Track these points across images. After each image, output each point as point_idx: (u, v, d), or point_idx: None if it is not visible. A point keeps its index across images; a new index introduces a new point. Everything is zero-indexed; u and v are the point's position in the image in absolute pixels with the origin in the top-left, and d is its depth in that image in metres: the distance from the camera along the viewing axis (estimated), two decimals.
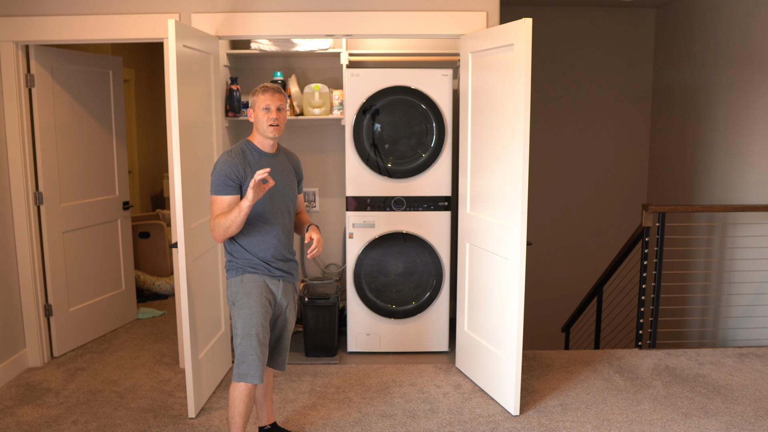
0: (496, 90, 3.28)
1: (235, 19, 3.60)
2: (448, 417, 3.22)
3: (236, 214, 2.49)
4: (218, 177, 2.56)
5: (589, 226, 6.34)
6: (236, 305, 2.63)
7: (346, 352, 4.07)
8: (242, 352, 2.59)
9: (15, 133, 3.68)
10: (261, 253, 2.64)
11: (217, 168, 2.58)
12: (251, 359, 2.59)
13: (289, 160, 2.81)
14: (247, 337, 2.58)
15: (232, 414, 2.67)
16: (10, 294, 3.74)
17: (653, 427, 3.11)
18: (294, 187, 2.78)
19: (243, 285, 2.62)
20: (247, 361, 2.59)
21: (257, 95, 2.62)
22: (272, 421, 2.97)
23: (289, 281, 2.76)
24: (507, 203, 3.21)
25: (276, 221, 2.67)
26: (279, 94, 2.62)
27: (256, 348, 2.59)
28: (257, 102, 2.61)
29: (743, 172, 4.63)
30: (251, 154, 2.63)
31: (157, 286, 5.33)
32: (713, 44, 5.01)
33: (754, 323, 4.43)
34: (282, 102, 2.63)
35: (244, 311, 2.60)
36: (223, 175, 2.55)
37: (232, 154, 2.59)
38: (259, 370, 2.59)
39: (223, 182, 2.56)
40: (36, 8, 3.57)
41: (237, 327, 2.61)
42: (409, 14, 3.62)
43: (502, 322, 3.30)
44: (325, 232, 4.57)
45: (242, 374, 2.60)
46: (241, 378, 2.61)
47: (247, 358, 2.59)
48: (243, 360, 2.59)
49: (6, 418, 3.22)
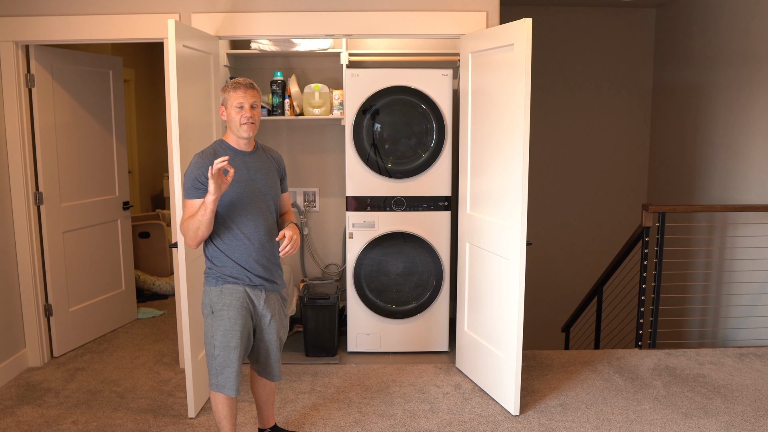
0: (496, 90, 3.28)
1: (235, 19, 3.60)
2: (448, 417, 3.22)
3: (202, 213, 2.36)
4: (188, 180, 2.45)
5: (589, 226, 6.34)
6: (215, 315, 2.52)
7: (346, 352, 4.07)
8: (221, 363, 2.53)
9: (15, 133, 3.68)
10: (242, 259, 2.51)
11: (188, 171, 2.46)
12: (229, 372, 2.53)
13: (269, 156, 2.67)
14: (226, 349, 2.51)
15: (218, 419, 2.66)
16: (10, 294, 3.74)
17: (653, 427, 3.11)
18: (277, 185, 2.65)
19: (222, 296, 2.51)
20: (225, 373, 2.53)
21: (228, 92, 2.48)
22: (272, 424, 2.95)
23: (272, 290, 2.62)
24: (507, 203, 3.21)
25: (257, 222, 2.53)
26: (252, 89, 2.49)
27: (234, 361, 2.52)
28: (229, 99, 2.48)
29: (743, 172, 4.63)
30: (224, 154, 2.49)
31: (157, 286, 5.33)
32: (713, 44, 5.01)
33: (754, 323, 4.43)
34: (256, 98, 2.50)
35: (224, 323, 2.50)
36: (192, 178, 2.44)
37: (203, 155, 2.47)
38: (236, 383, 2.55)
39: (192, 185, 2.44)
40: (36, 8, 3.57)
41: (214, 338, 2.52)
42: (409, 14, 3.62)
43: (502, 322, 3.30)
44: (325, 232, 4.57)
45: (220, 385, 2.56)
46: (219, 389, 2.56)
47: (225, 370, 2.53)
48: (221, 371, 2.54)
49: (6, 418, 3.22)
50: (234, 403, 2.64)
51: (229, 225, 2.50)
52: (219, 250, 2.53)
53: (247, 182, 2.51)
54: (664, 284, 4.36)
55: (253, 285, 2.56)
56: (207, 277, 2.58)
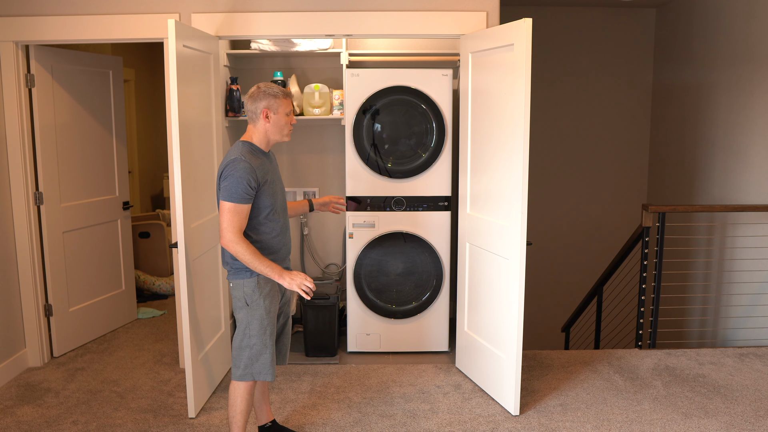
0: (496, 90, 3.28)
1: (235, 19, 3.60)
2: (448, 417, 3.22)
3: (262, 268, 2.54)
4: (240, 185, 2.51)
5: (589, 226, 6.34)
6: (250, 306, 2.64)
7: (346, 352, 4.07)
8: (258, 351, 2.65)
9: (15, 133, 3.68)
10: (275, 250, 2.69)
11: (238, 175, 2.51)
12: (265, 357, 2.66)
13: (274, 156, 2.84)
14: (262, 336, 2.64)
15: (233, 413, 2.71)
16: (10, 294, 3.74)
17: (653, 427, 3.11)
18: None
19: (259, 286, 2.63)
20: (261, 359, 2.65)
21: (279, 99, 2.62)
22: (271, 418, 3.00)
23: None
24: (507, 203, 3.21)
25: (284, 216, 2.77)
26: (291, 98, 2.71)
27: (270, 346, 2.67)
28: (281, 106, 2.62)
29: (743, 172, 4.64)
30: (257, 155, 2.63)
31: (157, 286, 5.33)
32: (713, 44, 5.01)
33: (754, 323, 4.43)
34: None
35: (260, 312, 2.63)
36: (245, 184, 2.51)
37: (247, 159, 2.55)
38: (273, 367, 2.69)
39: (244, 191, 2.52)
40: (36, 8, 3.57)
41: (250, 327, 2.64)
42: (409, 14, 3.62)
43: (502, 322, 3.30)
44: (325, 232, 4.57)
45: (255, 373, 2.67)
46: (253, 377, 2.67)
47: (261, 357, 2.65)
48: (257, 359, 2.65)
49: (6, 418, 3.22)
50: (252, 398, 2.75)
51: (267, 221, 2.66)
52: (255, 242, 2.65)
53: (272, 184, 2.67)
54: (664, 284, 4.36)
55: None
56: (238, 270, 2.65)
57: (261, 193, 2.59)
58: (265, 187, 2.60)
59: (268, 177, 2.63)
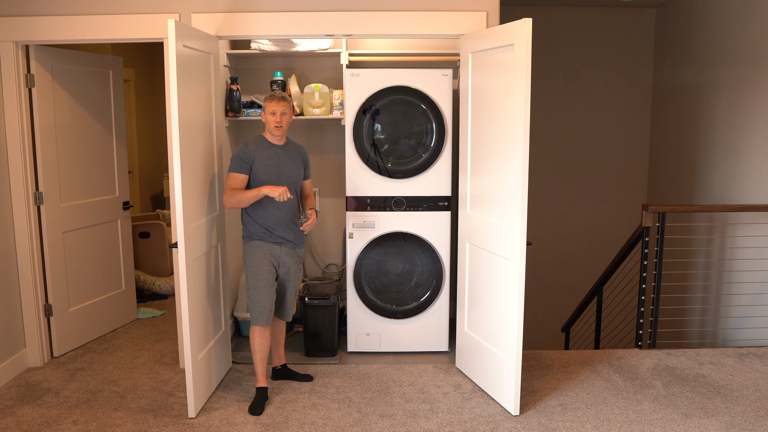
0: (496, 90, 3.28)
1: (235, 19, 3.60)
2: (448, 417, 3.22)
3: (251, 196, 3.20)
4: (235, 159, 3.27)
5: (589, 226, 6.34)
6: (247, 265, 3.34)
7: (346, 352, 4.07)
8: (253, 302, 3.31)
9: (15, 133, 3.68)
10: (266, 223, 3.31)
11: (235, 154, 3.29)
12: (258, 307, 3.30)
13: (297, 149, 3.46)
14: (254, 289, 3.30)
15: (252, 351, 3.36)
16: (10, 294, 3.74)
17: (653, 427, 3.11)
18: (300, 172, 3.42)
19: (251, 249, 3.32)
20: (256, 308, 3.30)
21: (266, 102, 3.29)
22: (283, 362, 3.63)
23: (291, 247, 3.40)
24: (507, 203, 3.21)
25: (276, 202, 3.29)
26: (283, 101, 3.28)
27: (260, 298, 3.29)
28: (266, 108, 3.29)
29: (743, 172, 4.64)
30: (261, 144, 3.33)
31: (157, 286, 5.33)
32: (713, 44, 5.01)
33: (754, 323, 4.43)
34: (285, 107, 3.28)
35: (252, 269, 3.31)
36: (238, 158, 3.27)
37: (247, 144, 3.31)
38: (264, 315, 3.30)
39: (238, 163, 3.26)
40: (36, 8, 3.57)
41: (248, 282, 3.33)
42: (409, 14, 3.62)
43: (502, 322, 3.30)
44: (325, 232, 4.57)
45: (254, 319, 3.31)
46: (254, 321, 3.31)
47: (255, 305, 3.30)
48: (253, 308, 3.31)
49: (6, 418, 3.22)
50: (264, 340, 3.33)
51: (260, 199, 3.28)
52: (249, 217, 3.34)
53: (275, 167, 3.31)
54: (664, 284, 4.36)
55: (274, 242, 3.34)
56: (243, 237, 3.40)
57: (253, 172, 3.27)
58: (256, 167, 3.26)
59: (266, 161, 3.27)
